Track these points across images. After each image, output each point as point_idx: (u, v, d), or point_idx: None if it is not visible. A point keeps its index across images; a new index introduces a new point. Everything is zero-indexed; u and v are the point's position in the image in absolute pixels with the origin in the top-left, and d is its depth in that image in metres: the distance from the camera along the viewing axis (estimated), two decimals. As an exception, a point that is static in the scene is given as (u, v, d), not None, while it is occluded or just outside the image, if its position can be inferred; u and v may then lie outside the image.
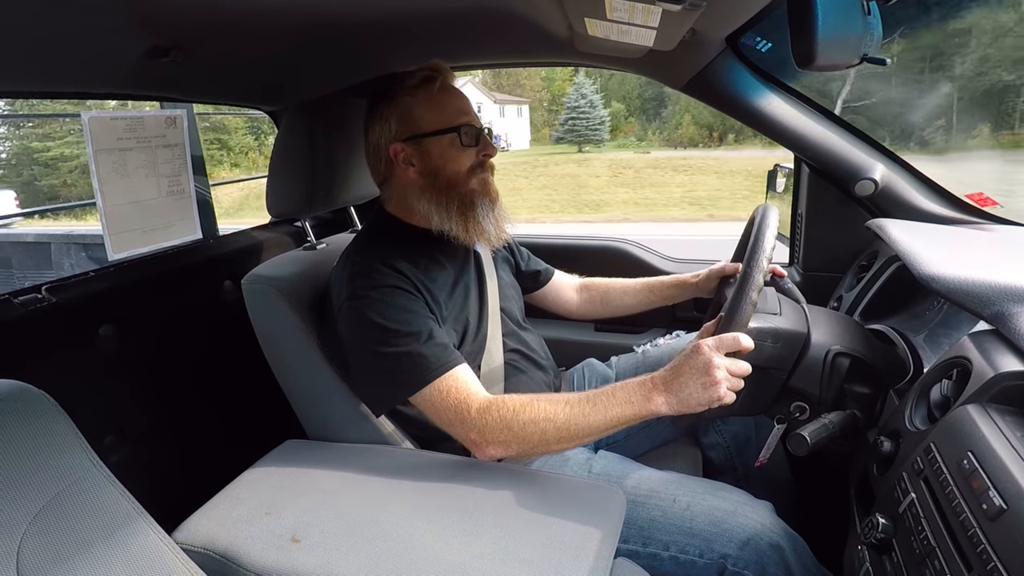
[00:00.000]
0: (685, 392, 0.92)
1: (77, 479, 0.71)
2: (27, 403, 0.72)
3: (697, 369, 0.92)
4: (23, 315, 1.10)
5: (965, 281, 0.86)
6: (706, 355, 0.91)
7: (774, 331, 1.02)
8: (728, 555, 0.99)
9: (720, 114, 1.47)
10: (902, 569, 0.72)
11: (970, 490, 0.65)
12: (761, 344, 1.00)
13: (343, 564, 0.81)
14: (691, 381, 0.92)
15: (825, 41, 0.84)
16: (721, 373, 0.90)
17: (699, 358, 0.92)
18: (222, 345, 1.48)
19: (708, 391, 0.91)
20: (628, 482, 1.10)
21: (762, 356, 1.00)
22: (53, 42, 0.89)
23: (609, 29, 0.98)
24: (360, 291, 1.05)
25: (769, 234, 0.98)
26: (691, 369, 0.92)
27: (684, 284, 1.43)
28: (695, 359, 0.92)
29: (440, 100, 1.14)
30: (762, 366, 1.01)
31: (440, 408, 1.01)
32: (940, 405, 0.85)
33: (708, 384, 0.91)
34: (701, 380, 0.91)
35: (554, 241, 2.04)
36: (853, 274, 1.44)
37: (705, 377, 0.91)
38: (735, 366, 0.92)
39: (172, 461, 1.37)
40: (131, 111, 1.26)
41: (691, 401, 0.92)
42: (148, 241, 1.30)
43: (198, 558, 0.79)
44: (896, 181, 1.37)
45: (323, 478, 1.02)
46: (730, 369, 0.91)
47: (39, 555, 0.64)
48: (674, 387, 0.93)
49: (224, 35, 1.03)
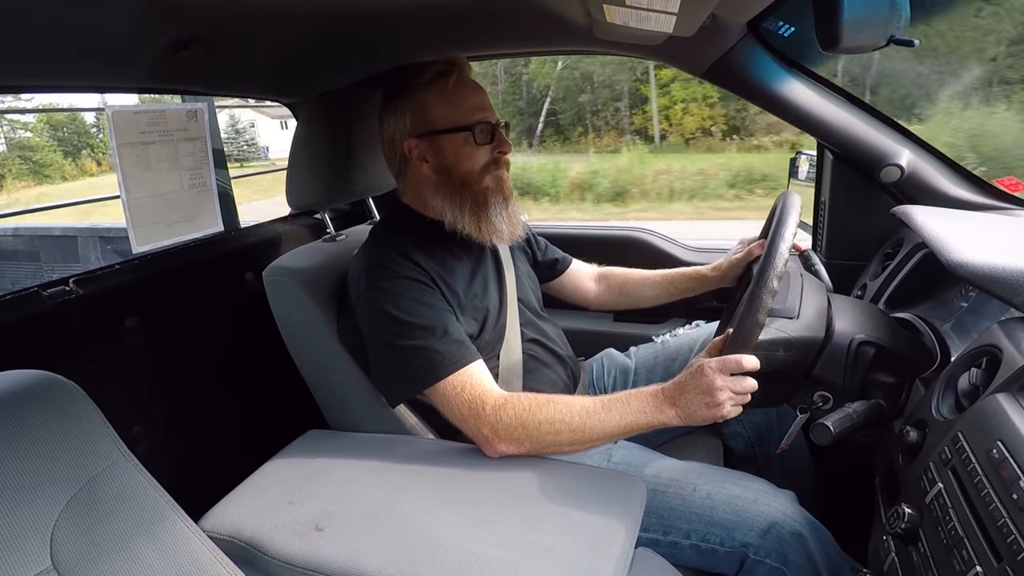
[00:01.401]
0: (691, 409, 0.93)
1: (107, 468, 0.72)
2: (57, 393, 0.73)
3: (700, 390, 0.92)
4: (52, 307, 1.12)
5: (995, 268, 0.84)
6: (708, 377, 0.91)
7: (787, 341, 1.00)
8: (749, 543, 0.98)
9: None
10: (929, 560, 0.71)
11: (999, 480, 0.64)
12: (772, 355, 0.99)
13: (365, 552, 0.82)
14: (695, 400, 0.93)
15: (851, 22, 0.83)
16: (724, 395, 0.91)
17: (702, 380, 0.92)
18: (244, 336, 1.50)
19: (712, 410, 0.92)
20: (648, 471, 1.10)
21: (774, 364, 0.99)
22: (76, 37, 0.90)
23: (628, 15, 0.97)
24: (376, 282, 1.06)
25: (783, 247, 0.94)
26: (694, 389, 0.93)
27: (703, 278, 1.41)
28: (698, 380, 0.93)
29: (455, 96, 1.13)
30: (775, 371, 1.00)
31: (454, 403, 1.02)
32: (968, 394, 0.83)
33: (711, 404, 0.91)
34: (704, 400, 0.92)
35: (572, 231, 2.03)
36: (878, 262, 1.41)
37: (708, 398, 0.91)
38: (739, 385, 0.92)
39: (197, 451, 1.39)
40: (154, 104, 1.27)
41: (696, 417, 0.93)
42: (171, 234, 1.31)
43: (224, 545, 0.80)
44: (923, 167, 1.34)
45: (345, 468, 1.03)
46: (734, 388, 0.91)
47: (72, 541, 0.65)
48: (680, 403, 0.94)
49: (243, 27, 1.03)
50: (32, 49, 0.89)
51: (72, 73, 1.07)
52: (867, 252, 1.48)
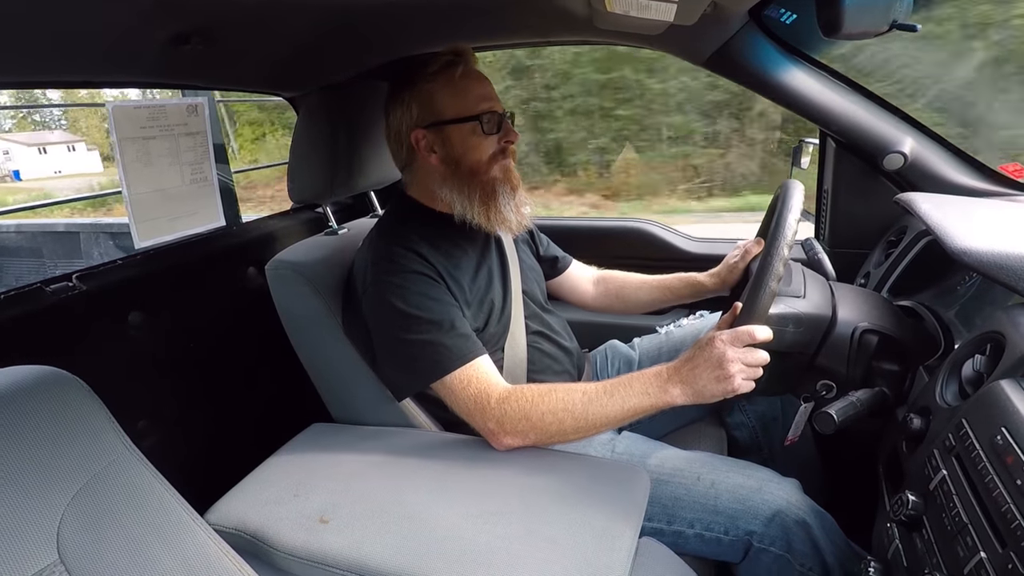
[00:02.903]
0: (700, 384, 0.93)
1: (111, 462, 0.72)
2: (61, 388, 0.73)
3: (711, 362, 0.91)
4: (55, 303, 1.12)
5: (999, 254, 0.84)
6: (719, 349, 0.91)
7: (796, 316, 1.00)
8: (754, 532, 0.99)
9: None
10: (933, 546, 0.71)
11: (1004, 466, 0.64)
12: (782, 330, 0.98)
13: (370, 544, 0.82)
14: (705, 374, 0.92)
15: (853, 7, 0.82)
16: (735, 367, 0.90)
17: (713, 352, 0.92)
18: (248, 330, 1.50)
19: (722, 384, 0.91)
20: (651, 461, 1.10)
21: (784, 342, 0.99)
22: (77, 32, 0.90)
23: (629, 4, 0.96)
24: (383, 276, 1.06)
25: (791, 219, 0.95)
26: (705, 362, 0.92)
27: (700, 285, 1.39)
28: (709, 352, 0.92)
29: (462, 86, 1.13)
30: (784, 351, 1.00)
31: (460, 397, 1.02)
32: (972, 381, 0.83)
33: (721, 377, 0.91)
34: (715, 373, 0.91)
35: (575, 223, 2.02)
36: (881, 250, 1.41)
37: (719, 371, 0.91)
38: (751, 357, 0.91)
39: (201, 445, 1.40)
40: (154, 100, 1.27)
41: (705, 393, 0.92)
42: (173, 229, 1.32)
43: (230, 539, 0.81)
44: (926, 154, 1.33)
45: (349, 460, 1.03)
46: (745, 360, 0.91)
47: (78, 535, 0.66)
48: (689, 379, 0.94)
49: (244, 20, 1.02)
50: (31, 45, 0.89)
51: (73, 69, 1.07)
52: (870, 240, 1.47)
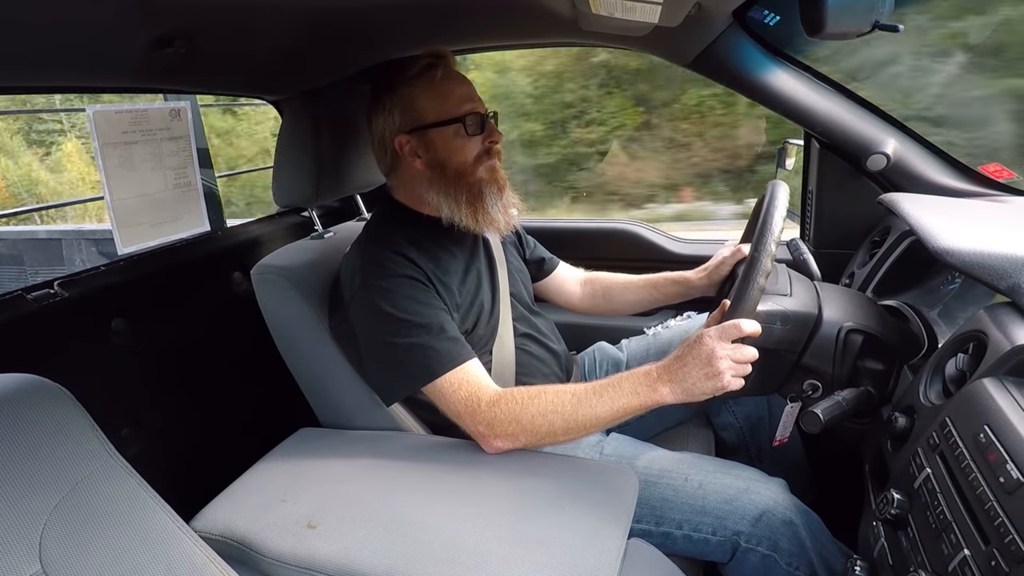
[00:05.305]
0: (689, 382, 0.93)
1: (95, 470, 0.71)
2: (43, 396, 0.72)
3: (700, 359, 0.91)
4: (37, 310, 1.11)
5: (980, 254, 0.85)
6: (708, 346, 0.91)
7: (783, 314, 1.01)
8: (741, 532, 0.99)
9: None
10: (918, 544, 0.72)
11: (987, 464, 0.64)
12: (770, 327, 0.99)
13: (358, 549, 0.82)
14: (694, 371, 0.92)
15: (835, 7, 0.83)
16: (724, 363, 0.90)
17: (702, 348, 0.92)
18: (234, 336, 1.49)
19: (711, 381, 0.91)
20: (640, 462, 1.10)
21: (771, 339, 0.99)
22: (57, 36, 0.89)
23: (613, 6, 0.97)
24: (372, 280, 1.05)
25: (778, 216, 0.96)
26: (694, 359, 0.92)
27: (688, 283, 1.39)
28: (698, 349, 0.92)
29: (443, 89, 1.12)
30: (772, 348, 1.00)
31: (451, 401, 1.02)
32: (956, 379, 0.84)
33: (711, 374, 0.91)
34: (704, 370, 0.91)
35: (562, 225, 2.03)
36: (865, 250, 1.42)
37: (708, 368, 0.91)
38: (739, 353, 0.91)
39: (187, 451, 1.38)
40: (136, 104, 1.25)
41: (695, 391, 0.92)
42: (157, 234, 1.30)
43: (216, 545, 0.80)
44: (908, 154, 1.35)
45: (337, 465, 1.03)
46: (734, 357, 0.91)
47: (61, 544, 0.65)
48: (678, 377, 0.93)
49: (227, 23, 1.02)
50: (8, 49, 0.88)
51: (52, 74, 1.06)
52: (854, 240, 1.49)
